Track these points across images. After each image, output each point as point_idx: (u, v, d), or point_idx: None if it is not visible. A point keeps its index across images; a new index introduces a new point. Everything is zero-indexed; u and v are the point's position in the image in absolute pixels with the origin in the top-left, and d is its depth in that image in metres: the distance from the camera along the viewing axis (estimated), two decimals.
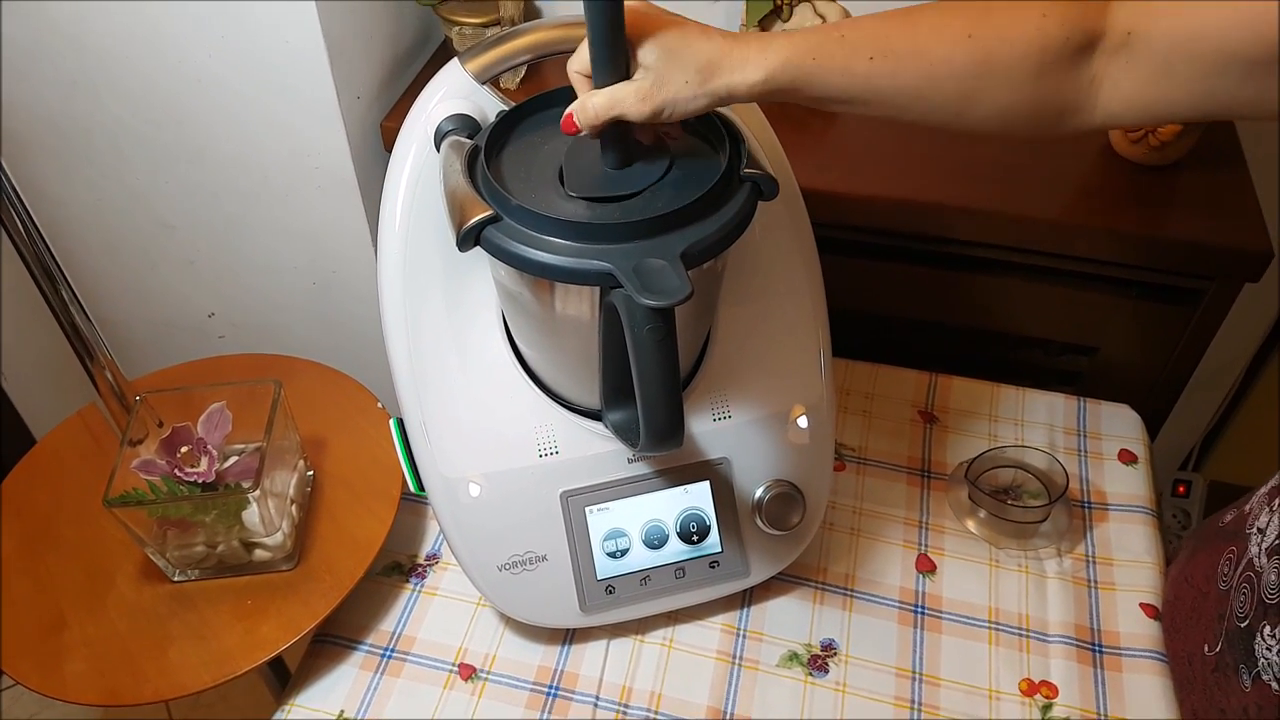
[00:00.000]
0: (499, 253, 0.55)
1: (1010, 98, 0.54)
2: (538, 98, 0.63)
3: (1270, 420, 1.42)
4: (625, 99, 0.54)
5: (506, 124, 0.62)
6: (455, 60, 0.66)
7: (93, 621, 0.74)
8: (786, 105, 0.56)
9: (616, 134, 0.56)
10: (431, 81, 0.67)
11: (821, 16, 1.03)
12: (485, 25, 1.09)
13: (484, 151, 0.59)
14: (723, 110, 0.62)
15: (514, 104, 0.63)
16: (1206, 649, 0.69)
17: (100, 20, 1.02)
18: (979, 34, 0.53)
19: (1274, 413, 1.40)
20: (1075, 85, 0.53)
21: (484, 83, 0.66)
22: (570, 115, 0.56)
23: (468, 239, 0.56)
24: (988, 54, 0.53)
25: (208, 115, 1.09)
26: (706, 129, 0.61)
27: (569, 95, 0.63)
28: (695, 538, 0.72)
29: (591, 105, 0.54)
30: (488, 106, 0.66)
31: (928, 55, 0.53)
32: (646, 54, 0.54)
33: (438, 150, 0.64)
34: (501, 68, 0.66)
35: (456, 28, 1.11)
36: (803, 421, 0.73)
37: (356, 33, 1.05)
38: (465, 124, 0.64)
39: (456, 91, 0.66)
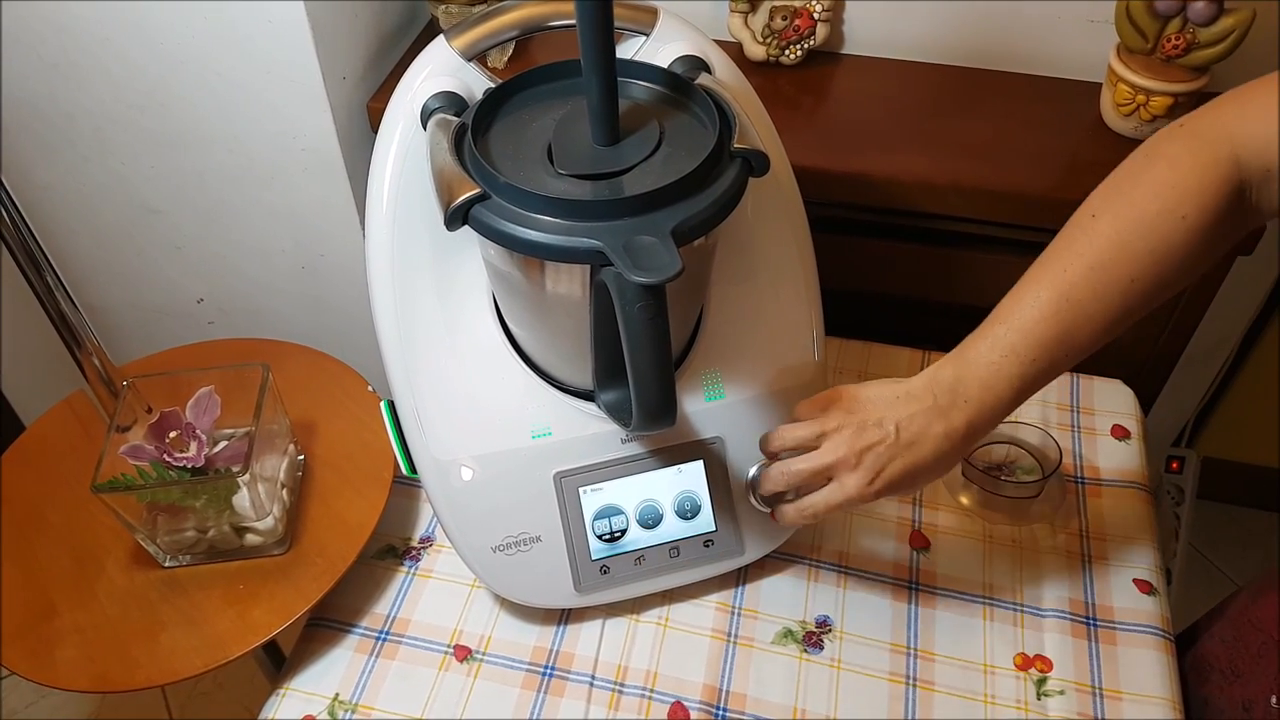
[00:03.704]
0: (487, 231, 0.55)
1: (1197, 261, 0.57)
2: (525, 74, 0.62)
3: (1264, 395, 1.42)
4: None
5: (493, 101, 0.61)
6: (441, 37, 0.65)
7: (83, 608, 0.74)
8: (776, 81, 0.56)
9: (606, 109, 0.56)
10: (417, 59, 0.66)
11: None
12: (472, 3, 1.08)
13: (471, 129, 0.58)
14: (713, 86, 0.61)
15: (501, 81, 0.63)
16: (1274, 700, 0.66)
17: (82, 2, 1.01)
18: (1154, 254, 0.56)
19: (1267, 388, 1.40)
20: (1245, 215, 0.57)
21: (470, 59, 0.65)
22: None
23: (456, 218, 0.55)
24: (1163, 270, 0.56)
25: (192, 97, 1.07)
26: (697, 105, 0.60)
27: (557, 71, 0.62)
28: (689, 517, 0.72)
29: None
30: (474, 84, 0.65)
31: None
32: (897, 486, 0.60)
33: (424, 129, 0.63)
34: (488, 44, 0.65)
35: (443, 5, 1.09)
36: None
37: (342, 12, 1.04)
38: (452, 102, 0.63)
39: (443, 69, 0.65)
